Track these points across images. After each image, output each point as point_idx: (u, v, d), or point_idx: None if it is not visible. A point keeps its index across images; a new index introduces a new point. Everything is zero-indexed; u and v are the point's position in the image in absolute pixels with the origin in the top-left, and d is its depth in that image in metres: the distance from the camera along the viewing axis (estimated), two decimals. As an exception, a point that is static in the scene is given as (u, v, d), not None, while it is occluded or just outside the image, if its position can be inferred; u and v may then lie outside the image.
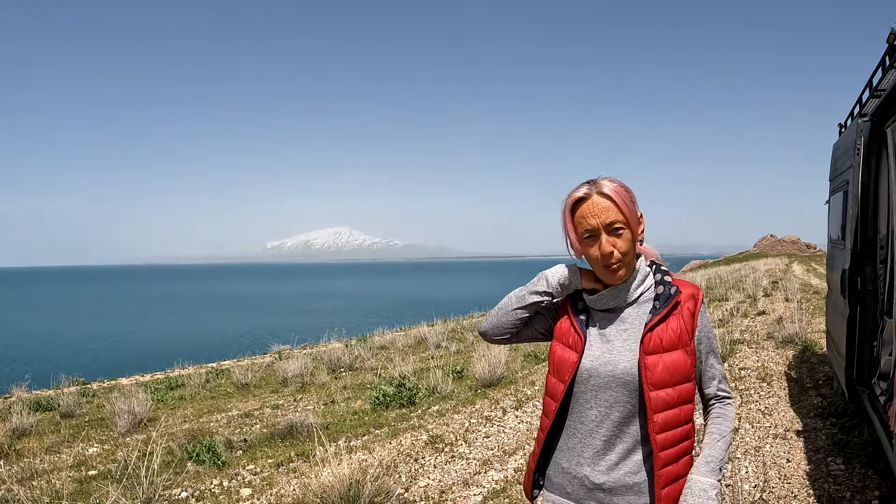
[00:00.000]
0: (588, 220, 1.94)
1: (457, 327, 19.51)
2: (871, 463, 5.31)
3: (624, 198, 1.93)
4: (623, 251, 1.93)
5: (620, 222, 1.92)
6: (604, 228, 1.92)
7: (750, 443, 6.20)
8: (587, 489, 2.03)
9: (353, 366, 13.68)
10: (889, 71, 4.77)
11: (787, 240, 78.25)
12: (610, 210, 1.92)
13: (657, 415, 1.92)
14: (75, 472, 6.89)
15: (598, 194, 1.93)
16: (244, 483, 6.14)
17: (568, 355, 2.04)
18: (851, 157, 5.97)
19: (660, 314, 1.96)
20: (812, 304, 16.73)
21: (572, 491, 2.06)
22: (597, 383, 2.00)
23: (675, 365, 1.93)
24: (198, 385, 12.39)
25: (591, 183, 1.96)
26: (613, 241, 1.93)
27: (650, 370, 1.92)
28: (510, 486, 5.58)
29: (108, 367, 26.56)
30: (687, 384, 1.96)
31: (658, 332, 1.95)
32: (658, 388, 1.92)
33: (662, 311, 1.96)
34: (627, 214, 1.93)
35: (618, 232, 1.92)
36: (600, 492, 2.00)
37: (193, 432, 8.24)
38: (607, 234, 1.93)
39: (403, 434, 7.41)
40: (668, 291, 1.99)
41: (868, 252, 5.64)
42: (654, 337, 1.94)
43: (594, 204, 1.93)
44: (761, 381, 8.56)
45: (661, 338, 1.94)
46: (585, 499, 2.03)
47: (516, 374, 10.38)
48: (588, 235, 1.96)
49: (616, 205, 1.92)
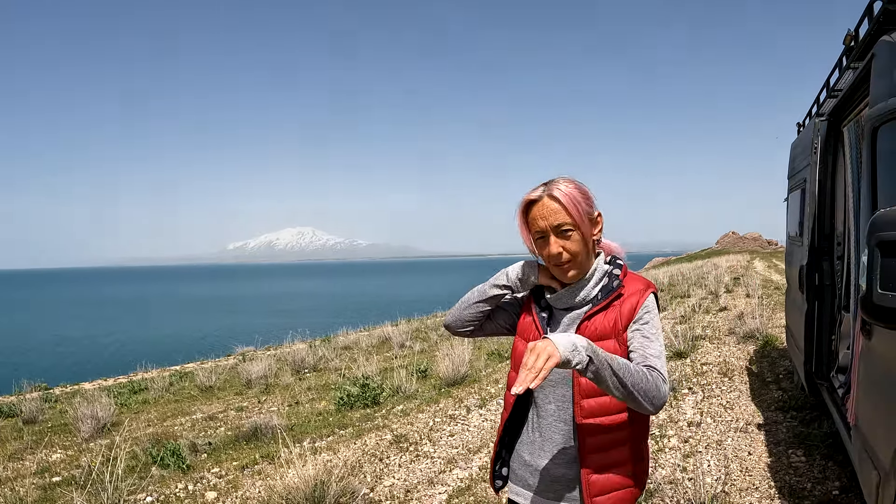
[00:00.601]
0: (538, 221, 1.98)
1: (421, 326, 19.48)
2: (831, 454, 5.41)
3: (574, 200, 1.95)
4: (572, 252, 1.96)
5: (568, 224, 1.94)
6: (552, 230, 1.96)
7: (712, 437, 6.27)
8: (548, 482, 2.06)
9: (318, 366, 13.58)
10: (846, 71, 4.85)
11: (748, 237, 79.47)
12: (559, 213, 1.94)
13: (585, 400, 1.94)
14: (39, 479, 6.73)
15: (548, 196, 1.96)
16: (209, 486, 6.06)
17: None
18: (809, 156, 6.07)
19: (599, 305, 1.99)
20: (773, 300, 17.01)
21: (534, 483, 2.09)
22: (553, 379, 2.03)
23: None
24: (161, 388, 12.18)
25: (545, 185, 2.00)
26: (562, 242, 1.96)
27: None
28: (475, 483, 5.57)
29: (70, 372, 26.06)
30: None
31: (594, 321, 1.98)
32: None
33: (602, 302, 1.99)
34: (576, 216, 1.94)
35: (566, 234, 1.95)
36: (559, 484, 2.04)
37: (157, 436, 8.11)
38: (555, 235, 1.96)
39: (368, 434, 7.36)
40: (611, 285, 2.03)
41: (825, 248, 5.74)
42: (589, 326, 1.98)
43: (543, 206, 1.97)
44: (723, 376, 8.67)
45: (596, 327, 1.97)
46: (546, 491, 2.07)
47: (480, 372, 10.39)
48: (539, 237, 2.00)
49: (564, 208, 1.94)
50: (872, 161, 3.49)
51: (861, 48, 4.12)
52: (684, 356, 10.14)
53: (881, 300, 2.24)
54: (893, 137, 3.12)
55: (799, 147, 7.15)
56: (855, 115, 4.94)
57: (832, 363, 5.63)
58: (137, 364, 17.40)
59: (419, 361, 11.74)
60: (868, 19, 3.85)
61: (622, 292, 2.01)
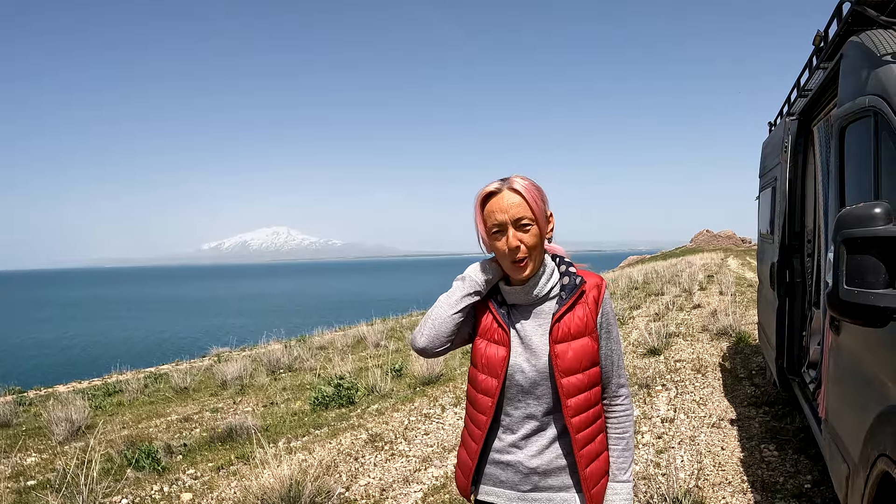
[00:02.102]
0: (496, 214, 1.96)
1: (396, 326, 19.47)
2: (803, 449, 5.49)
3: (534, 195, 1.97)
4: (530, 246, 1.96)
5: (529, 219, 1.95)
6: (511, 223, 1.95)
7: (685, 433, 6.33)
8: (522, 474, 2.06)
9: (293, 367, 13.50)
10: (816, 71, 4.92)
11: (722, 235, 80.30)
12: (520, 206, 1.95)
13: (570, 399, 1.99)
14: (14, 483, 6.63)
15: (508, 189, 1.96)
16: (185, 488, 6.01)
17: (496, 351, 2.06)
18: (780, 155, 6.15)
19: (566, 304, 2.01)
20: (746, 297, 17.19)
21: (507, 479, 2.09)
22: (524, 377, 2.03)
23: (583, 351, 2.00)
24: (136, 390, 12.05)
25: (503, 180, 2.00)
26: (521, 236, 1.95)
27: (560, 358, 1.98)
28: (450, 481, 5.57)
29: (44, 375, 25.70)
30: (595, 368, 2.05)
31: (566, 321, 2.00)
32: (569, 375, 1.99)
33: (569, 300, 2.02)
34: (536, 211, 1.96)
35: (525, 228, 1.95)
36: (535, 475, 2.05)
37: (133, 438, 8.01)
38: (515, 229, 1.95)
39: (343, 433, 7.34)
40: (574, 282, 2.05)
41: (796, 246, 5.82)
42: (561, 326, 2.00)
43: (503, 198, 1.96)
44: (696, 372, 8.75)
45: (569, 326, 2.00)
46: (521, 484, 2.07)
47: (455, 371, 10.39)
48: (496, 230, 1.98)
49: (526, 201, 1.95)
50: (840, 159, 3.54)
51: (830, 48, 4.18)
52: (658, 353, 10.22)
53: (847, 296, 2.27)
54: (860, 136, 3.16)
55: (770, 146, 7.23)
56: (825, 115, 5.01)
57: (803, 359, 5.70)
58: (112, 366, 17.21)
59: (394, 360, 11.74)
60: (837, 20, 3.91)
61: (584, 288, 2.04)
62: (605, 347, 2.08)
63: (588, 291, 2.04)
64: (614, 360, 2.11)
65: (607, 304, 2.08)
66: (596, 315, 2.04)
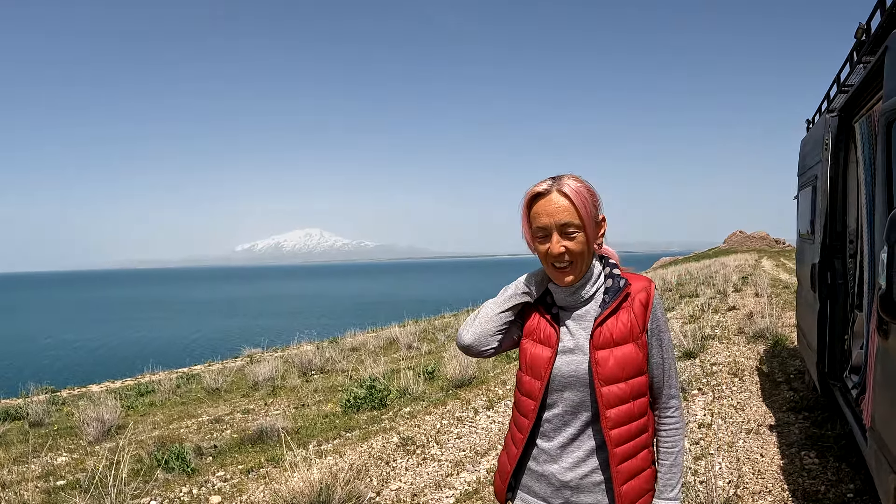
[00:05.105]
0: (542, 217, 1.87)
1: (428, 328, 19.44)
2: (845, 456, 5.32)
3: (584, 199, 1.86)
4: (574, 253, 1.87)
5: (575, 225, 1.85)
6: (557, 229, 1.86)
7: (723, 438, 6.19)
8: (554, 487, 1.99)
9: (325, 368, 13.54)
10: (856, 66, 4.78)
11: (756, 235, 79.22)
12: (567, 211, 1.85)
13: (609, 410, 1.89)
14: (43, 483, 6.70)
15: (557, 191, 1.86)
16: (214, 490, 6.01)
17: (541, 351, 1.98)
18: (820, 153, 5.99)
19: (609, 308, 1.92)
20: (782, 299, 16.90)
21: (540, 490, 2.03)
22: (563, 382, 1.95)
23: (626, 359, 1.89)
24: (168, 391, 12.16)
25: (554, 179, 1.89)
26: (566, 242, 1.86)
27: (601, 365, 1.88)
28: (482, 486, 5.51)
29: (78, 374, 26.09)
30: (640, 377, 1.93)
31: (608, 325, 1.90)
32: (609, 384, 1.88)
33: (612, 304, 1.92)
34: (584, 217, 1.85)
35: (571, 235, 1.86)
36: (567, 489, 1.97)
37: (163, 439, 8.07)
38: (560, 235, 1.86)
39: (374, 437, 7.30)
40: (618, 284, 1.96)
41: (837, 247, 5.66)
42: (603, 331, 1.90)
43: (551, 201, 1.86)
44: (733, 376, 8.59)
45: (612, 332, 1.90)
46: (553, 497, 2.00)
47: (488, 373, 10.32)
48: (541, 234, 1.89)
49: (574, 206, 1.85)
50: (887, 156, 3.41)
51: (873, 41, 4.05)
52: (694, 356, 10.05)
53: (902, 299, 2.17)
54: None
55: (809, 144, 7.06)
56: (867, 111, 4.86)
57: (845, 363, 5.54)
58: (145, 366, 17.41)
59: (426, 363, 11.69)
60: (881, 12, 3.78)
61: (629, 291, 1.95)
62: (655, 356, 1.97)
63: (634, 295, 1.94)
64: (666, 368, 2.00)
65: (658, 308, 1.97)
66: (644, 321, 1.93)
